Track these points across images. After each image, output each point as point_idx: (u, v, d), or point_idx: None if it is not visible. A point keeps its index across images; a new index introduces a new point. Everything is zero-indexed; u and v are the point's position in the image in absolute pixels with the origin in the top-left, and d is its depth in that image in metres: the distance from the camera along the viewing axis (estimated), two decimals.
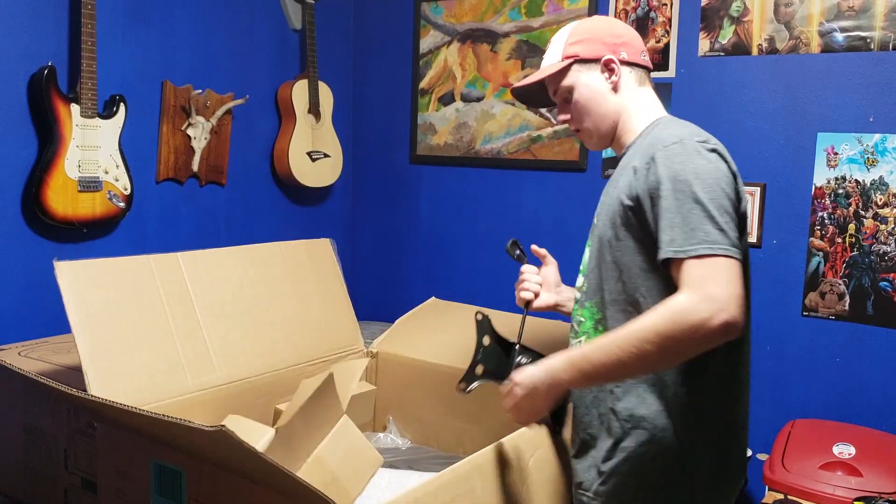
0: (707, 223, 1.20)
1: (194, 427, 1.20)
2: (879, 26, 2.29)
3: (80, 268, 1.75)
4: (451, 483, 1.38)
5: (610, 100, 1.45)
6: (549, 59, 1.51)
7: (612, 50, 1.44)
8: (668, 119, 1.43)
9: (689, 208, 1.22)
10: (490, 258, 3.12)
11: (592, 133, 1.49)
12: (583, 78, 1.45)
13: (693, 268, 1.19)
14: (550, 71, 1.48)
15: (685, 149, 1.27)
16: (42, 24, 2.32)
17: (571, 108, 1.48)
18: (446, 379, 2.21)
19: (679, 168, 1.25)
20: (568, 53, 1.46)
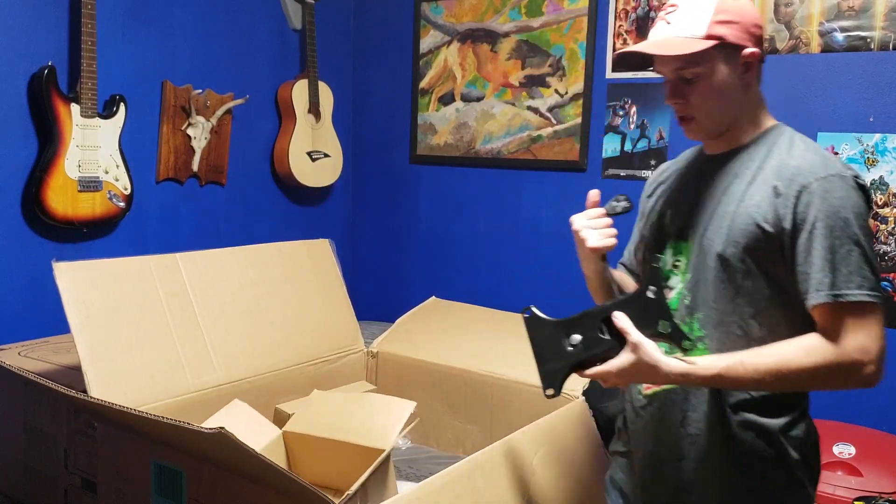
0: (866, 268, 1.16)
1: (194, 428, 1.20)
2: (879, 26, 2.28)
3: (79, 269, 1.75)
4: (453, 482, 1.38)
5: (737, 97, 1.28)
6: (685, 27, 1.26)
7: (755, 42, 1.26)
8: (791, 131, 1.31)
9: (847, 250, 1.15)
10: (490, 258, 3.12)
11: (706, 125, 1.31)
12: (720, 66, 1.25)
13: (850, 315, 1.15)
14: (690, 49, 1.23)
15: (845, 184, 1.18)
16: (42, 24, 2.32)
17: (692, 92, 1.28)
18: (446, 379, 2.22)
19: (839, 205, 1.17)
20: (714, 33, 1.24)
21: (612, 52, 2.75)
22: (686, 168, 1.44)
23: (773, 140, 1.29)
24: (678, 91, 1.29)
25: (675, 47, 1.25)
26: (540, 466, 1.57)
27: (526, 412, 1.99)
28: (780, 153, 1.26)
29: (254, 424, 1.75)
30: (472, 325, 2.40)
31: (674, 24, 1.27)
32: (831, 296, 1.15)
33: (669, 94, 1.31)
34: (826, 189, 1.18)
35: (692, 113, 1.30)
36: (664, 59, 1.28)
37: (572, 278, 2.98)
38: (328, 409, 1.75)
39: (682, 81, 1.28)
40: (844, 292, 1.15)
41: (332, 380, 2.21)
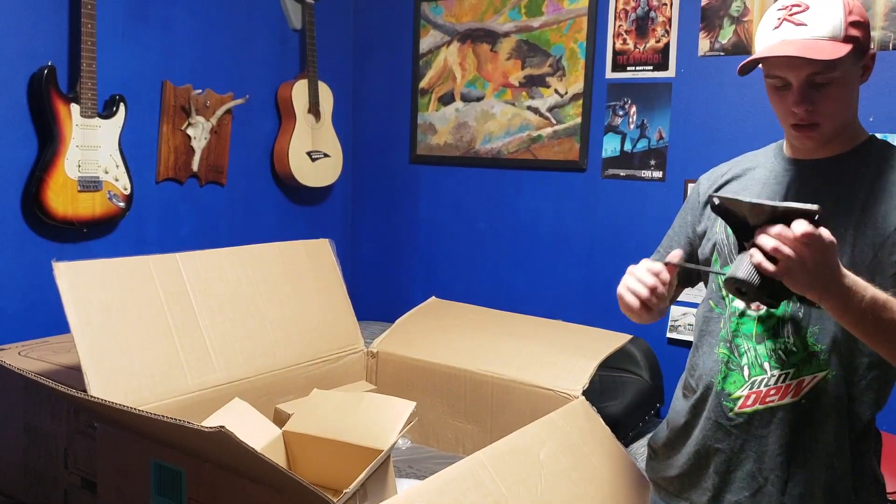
0: None
1: (194, 427, 1.20)
2: (879, 26, 2.28)
3: (79, 268, 1.75)
4: (454, 481, 1.38)
5: (855, 99, 1.24)
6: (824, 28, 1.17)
7: (871, 44, 1.22)
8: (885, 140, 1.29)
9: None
10: (490, 258, 3.12)
11: (826, 134, 1.24)
12: (851, 70, 1.20)
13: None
14: (837, 53, 1.16)
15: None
16: (42, 24, 2.32)
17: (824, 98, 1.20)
18: (446, 379, 2.22)
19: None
20: (851, 34, 1.17)
21: (611, 52, 2.75)
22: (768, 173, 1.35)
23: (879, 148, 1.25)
24: (806, 95, 1.20)
25: (822, 51, 1.16)
26: (548, 460, 1.56)
27: (526, 412, 1.99)
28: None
29: (254, 424, 1.75)
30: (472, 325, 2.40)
31: (810, 25, 1.18)
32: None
33: (798, 100, 1.21)
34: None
35: (818, 119, 1.22)
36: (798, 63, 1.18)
37: (572, 278, 2.98)
38: (328, 409, 1.75)
39: (810, 87, 1.20)
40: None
41: (332, 380, 2.21)
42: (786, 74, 1.21)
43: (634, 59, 2.70)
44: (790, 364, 1.25)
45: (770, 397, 1.26)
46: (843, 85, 1.20)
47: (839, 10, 1.18)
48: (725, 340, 1.32)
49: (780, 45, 1.19)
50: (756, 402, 1.27)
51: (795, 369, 1.24)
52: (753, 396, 1.28)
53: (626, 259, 3.14)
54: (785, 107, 1.23)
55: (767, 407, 1.26)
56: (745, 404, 1.28)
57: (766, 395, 1.27)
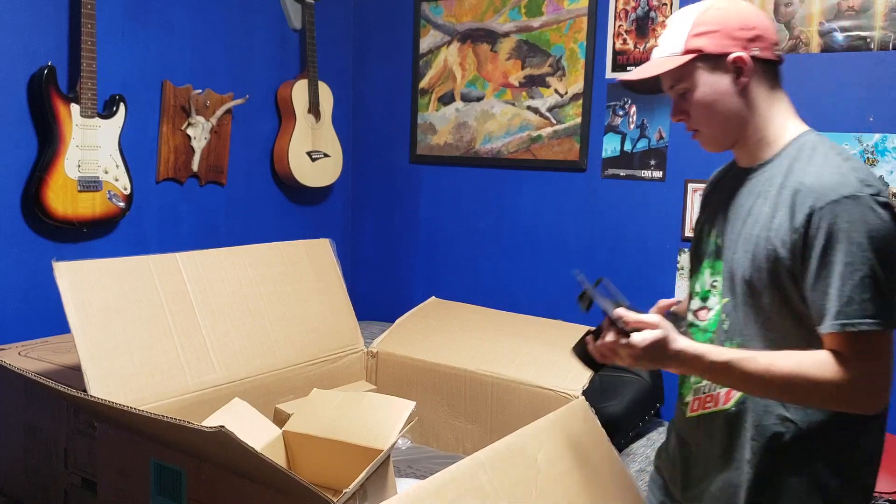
0: (878, 297, 1.11)
1: (194, 427, 1.20)
2: (879, 26, 2.28)
3: (79, 268, 1.75)
4: (456, 479, 1.38)
5: (735, 104, 1.27)
6: (667, 47, 1.29)
7: (742, 46, 1.25)
8: (815, 141, 1.25)
9: (859, 279, 1.11)
10: (490, 258, 3.12)
11: (709, 137, 1.31)
12: (706, 77, 1.26)
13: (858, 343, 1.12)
14: (667, 66, 1.27)
15: (859, 207, 1.12)
16: (42, 24, 2.32)
17: (690, 107, 1.29)
18: (446, 379, 2.22)
19: (850, 230, 1.12)
20: (690, 47, 1.25)
21: (612, 52, 2.75)
22: (723, 181, 1.41)
23: (794, 154, 1.24)
24: (679, 108, 1.31)
25: (655, 68, 1.29)
26: (545, 462, 1.56)
27: (526, 412, 1.99)
28: (800, 169, 1.21)
29: (254, 423, 1.75)
30: (472, 325, 2.40)
31: (661, 45, 1.30)
32: (838, 325, 1.12)
33: (673, 112, 1.33)
34: (837, 213, 1.13)
35: (695, 126, 1.31)
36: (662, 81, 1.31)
37: (572, 278, 2.97)
38: (328, 409, 1.75)
39: (681, 98, 1.30)
40: (854, 322, 1.11)
41: (332, 380, 2.21)
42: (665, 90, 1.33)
43: (634, 59, 2.70)
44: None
45: (708, 403, 1.33)
46: (698, 93, 1.27)
47: (684, 26, 1.27)
48: None
49: (632, 72, 1.35)
50: (699, 408, 1.34)
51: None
52: (697, 402, 1.35)
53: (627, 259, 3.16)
54: None
55: (708, 412, 1.33)
56: (693, 409, 1.36)
57: (705, 400, 1.34)
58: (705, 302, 1.34)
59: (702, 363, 1.19)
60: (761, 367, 1.16)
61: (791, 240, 1.17)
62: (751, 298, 1.24)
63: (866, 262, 1.11)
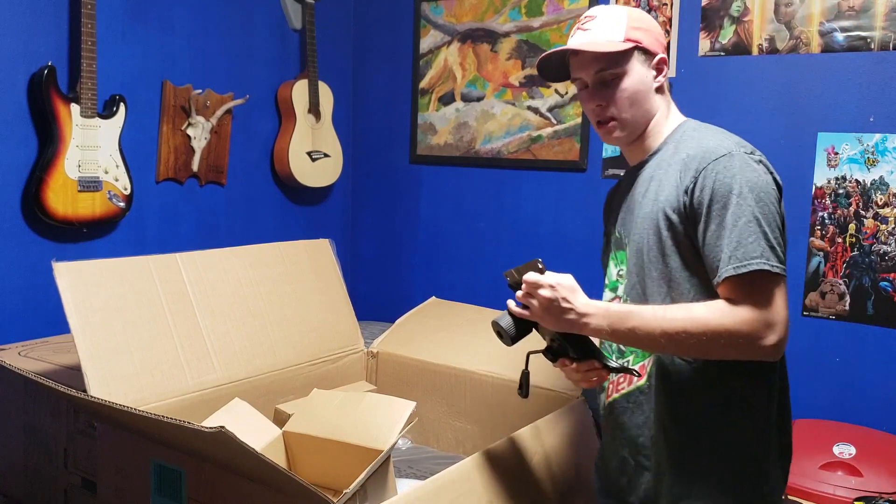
0: (762, 240, 1.20)
1: (194, 427, 1.20)
2: (880, 26, 2.28)
3: (78, 268, 1.75)
4: (453, 482, 1.38)
5: (652, 100, 1.40)
6: (602, 33, 1.38)
7: (663, 49, 1.41)
8: (695, 125, 1.39)
9: (744, 224, 1.20)
10: (490, 258, 3.12)
11: (628, 125, 1.40)
12: (639, 68, 1.37)
13: (749, 285, 1.19)
14: (612, 48, 1.35)
15: (735, 162, 1.24)
16: (42, 24, 2.32)
17: (614, 94, 1.37)
18: (446, 379, 2.22)
19: (731, 182, 1.22)
20: (631, 37, 1.37)
21: None
22: (621, 186, 1.52)
23: (678, 137, 1.37)
24: (598, 93, 1.39)
25: (600, 46, 1.36)
26: (542, 465, 1.56)
27: (526, 412, 1.99)
28: (685, 146, 1.33)
29: (254, 424, 1.75)
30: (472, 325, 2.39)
31: (594, 30, 1.39)
32: (731, 269, 1.19)
33: (590, 96, 1.40)
34: (718, 170, 1.24)
35: (613, 114, 1.38)
36: (586, 62, 1.38)
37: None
38: (328, 409, 1.75)
39: (603, 84, 1.38)
40: (744, 263, 1.18)
41: (332, 380, 2.20)
42: (580, 74, 1.41)
43: None
44: (629, 352, 1.39)
45: (621, 385, 1.41)
46: (631, 79, 1.36)
47: (621, 18, 1.38)
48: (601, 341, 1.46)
49: (569, 43, 1.41)
50: (613, 392, 1.43)
51: (634, 355, 1.39)
52: (611, 387, 1.44)
53: None
54: (587, 106, 1.43)
55: (622, 394, 1.41)
56: (609, 395, 1.44)
57: (618, 383, 1.42)
58: (615, 292, 1.43)
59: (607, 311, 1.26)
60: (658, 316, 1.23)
61: (681, 203, 1.27)
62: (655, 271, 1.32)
63: (749, 210, 1.20)
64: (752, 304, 1.19)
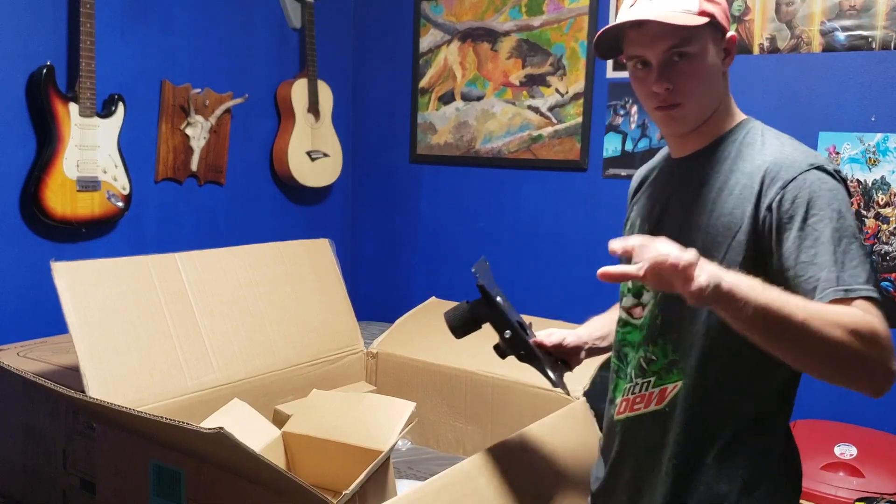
0: (867, 262, 1.06)
1: (193, 428, 1.20)
2: (881, 25, 2.28)
3: (77, 268, 1.74)
4: (453, 483, 1.37)
5: (719, 85, 1.22)
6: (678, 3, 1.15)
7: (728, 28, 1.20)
8: (762, 126, 1.24)
9: (848, 243, 1.06)
10: (490, 258, 3.10)
11: (693, 113, 1.21)
12: (710, 46, 1.18)
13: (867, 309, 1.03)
14: (691, 22, 1.14)
15: (828, 176, 1.11)
16: (41, 24, 2.31)
17: (682, 75, 1.17)
18: (446, 379, 2.21)
19: (831, 197, 1.08)
20: (706, 10, 1.16)
21: None
22: (657, 174, 1.37)
23: (741, 139, 1.21)
24: (665, 73, 1.17)
25: (675, 18, 1.14)
26: (542, 466, 1.56)
27: (526, 412, 1.99)
28: (753, 153, 1.17)
29: (253, 424, 1.75)
30: None
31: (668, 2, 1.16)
32: (841, 291, 1.03)
33: (658, 77, 1.17)
34: (813, 181, 1.09)
35: (679, 99, 1.19)
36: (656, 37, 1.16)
37: (572, 278, 2.98)
38: (327, 410, 1.75)
39: (670, 63, 1.17)
40: (855, 287, 1.03)
41: (331, 380, 2.20)
42: (644, 52, 1.18)
43: None
44: (650, 372, 1.25)
45: (637, 405, 1.28)
46: (702, 62, 1.17)
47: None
48: (616, 349, 1.35)
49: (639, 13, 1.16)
50: (626, 410, 1.29)
51: (656, 377, 1.24)
52: (625, 404, 1.30)
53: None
54: (646, 89, 1.20)
55: (636, 414, 1.27)
56: (620, 411, 1.31)
57: (633, 402, 1.28)
58: (639, 298, 1.28)
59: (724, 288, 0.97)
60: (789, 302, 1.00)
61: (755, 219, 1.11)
62: None
63: (851, 230, 1.07)
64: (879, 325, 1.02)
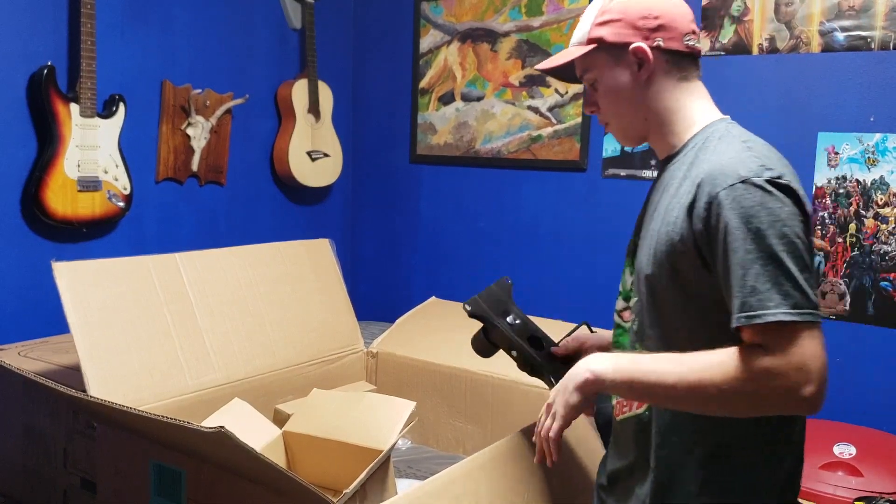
0: (786, 283, 1.01)
1: (194, 428, 1.20)
2: (880, 26, 2.28)
3: (78, 268, 1.75)
4: (453, 482, 1.38)
5: (639, 96, 1.22)
6: (576, 36, 1.25)
7: (643, 36, 1.19)
8: (723, 130, 1.18)
9: (762, 265, 1.02)
10: (490, 258, 3.11)
11: (618, 130, 1.29)
12: (608, 68, 1.22)
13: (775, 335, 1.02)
14: (571, 56, 1.24)
15: (755, 190, 1.04)
16: (42, 24, 2.32)
17: (598, 98, 1.26)
18: (446, 379, 2.22)
19: (747, 215, 1.03)
20: (593, 36, 1.21)
21: None
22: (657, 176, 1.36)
23: (701, 143, 1.18)
24: (589, 98, 1.29)
25: (564, 55, 1.25)
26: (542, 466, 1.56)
27: (526, 412, 1.99)
28: (703, 158, 1.14)
29: (253, 424, 1.75)
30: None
31: (574, 34, 1.27)
32: (743, 318, 1.02)
33: (584, 103, 1.32)
34: (734, 198, 1.05)
35: (605, 119, 1.29)
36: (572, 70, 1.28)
37: (572, 278, 2.98)
38: (328, 409, 1.75)
39: (592, 88, 1.27)
40: (760, 313, 1.01)
41: (331, 380, 2.20)
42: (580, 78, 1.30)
43: None
44: None
45: (624, 408, 1.28)
46: (604, 83, 1.23)
47: (591, 15, 1.24)
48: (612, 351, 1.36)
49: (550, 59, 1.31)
50: (619, 413, 1.30)
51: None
52: (618, 406, 1.31)
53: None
54: None
55: (625, 417, 1.28)
56: (616, 413, 1.32)
57: (622, 405, 1.29)
58: (628, 302, 1.29)
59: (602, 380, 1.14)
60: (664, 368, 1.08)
61: (696, 231, 1.09)
62: (654, 296, 1.17)
63: (767, 251, 1.02)
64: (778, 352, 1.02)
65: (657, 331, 1.19)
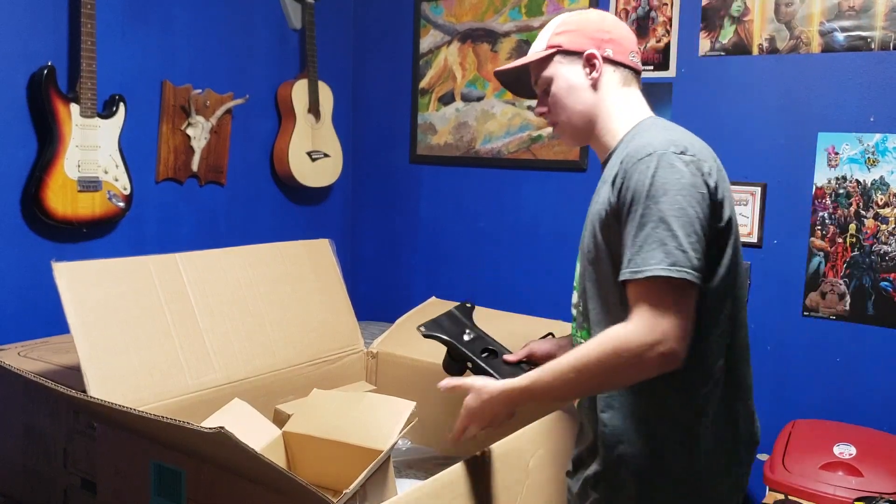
0: (669, 242, 1.13)
1: (194, 428, 1.20)
2: (880, 26, 2.28)
3: (78, 268, 1.74)
4: (453, 482, 1.38)
5: (587, 96, 1.39)
6: (535, 46, 1.46)
7: (596, 45, 1.38)
8: (650, 123, 1.35)
9: (652, 227, 1.15)
10: (490, 258, 3.11)
11: (566, 128, 1.43)
12: (563, 70, 1.40)
13: (644, 291, 1.14)
14: (533, 58, 1.43)
15: (657, 161, 1.18)
16: (42, 24, 2.32)
17: (549, 100, 1.43)
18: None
19: (647, 183, 1.17)
20: (552, 43, 1.41)
21: None
22: None
23: (630, 137, 1.33)
24: (541, 101, 1.46)
25: (523, 59, 1.45)
26: (535, 469, 1.56)
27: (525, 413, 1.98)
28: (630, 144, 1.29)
29: (254, 424, 1.75)
30: None
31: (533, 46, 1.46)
32: (629, 273, 1.16)
33: (536, 105, 1.48)
34: (639, 170, 1.20)
35: (554, 118, 1.44)
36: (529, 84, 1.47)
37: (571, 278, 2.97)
38: (328, 409, 1.75)
39: (544, 93, 1.44)
40: (642, 269, 1.14)
41: (331, 380, 2.20)
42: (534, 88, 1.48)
43: None
44: None
45: None
46: (558, 84, 1.40)
47: (552, 26, 1.44)
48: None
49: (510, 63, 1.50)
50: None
51: None
52: None
53: None
54: None
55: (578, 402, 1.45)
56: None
57: None
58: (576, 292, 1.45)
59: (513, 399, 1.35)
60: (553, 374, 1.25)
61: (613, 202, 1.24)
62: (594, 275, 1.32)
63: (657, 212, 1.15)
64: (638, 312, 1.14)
65: (596, 304, 1.31)
